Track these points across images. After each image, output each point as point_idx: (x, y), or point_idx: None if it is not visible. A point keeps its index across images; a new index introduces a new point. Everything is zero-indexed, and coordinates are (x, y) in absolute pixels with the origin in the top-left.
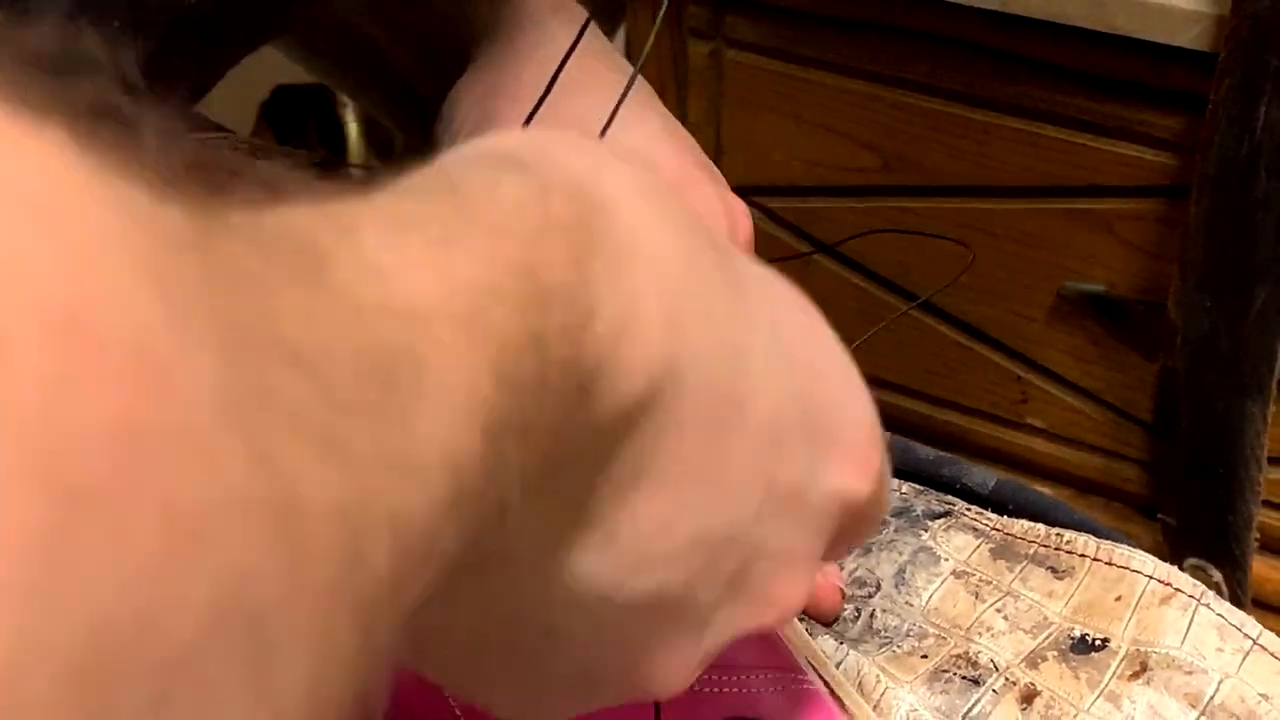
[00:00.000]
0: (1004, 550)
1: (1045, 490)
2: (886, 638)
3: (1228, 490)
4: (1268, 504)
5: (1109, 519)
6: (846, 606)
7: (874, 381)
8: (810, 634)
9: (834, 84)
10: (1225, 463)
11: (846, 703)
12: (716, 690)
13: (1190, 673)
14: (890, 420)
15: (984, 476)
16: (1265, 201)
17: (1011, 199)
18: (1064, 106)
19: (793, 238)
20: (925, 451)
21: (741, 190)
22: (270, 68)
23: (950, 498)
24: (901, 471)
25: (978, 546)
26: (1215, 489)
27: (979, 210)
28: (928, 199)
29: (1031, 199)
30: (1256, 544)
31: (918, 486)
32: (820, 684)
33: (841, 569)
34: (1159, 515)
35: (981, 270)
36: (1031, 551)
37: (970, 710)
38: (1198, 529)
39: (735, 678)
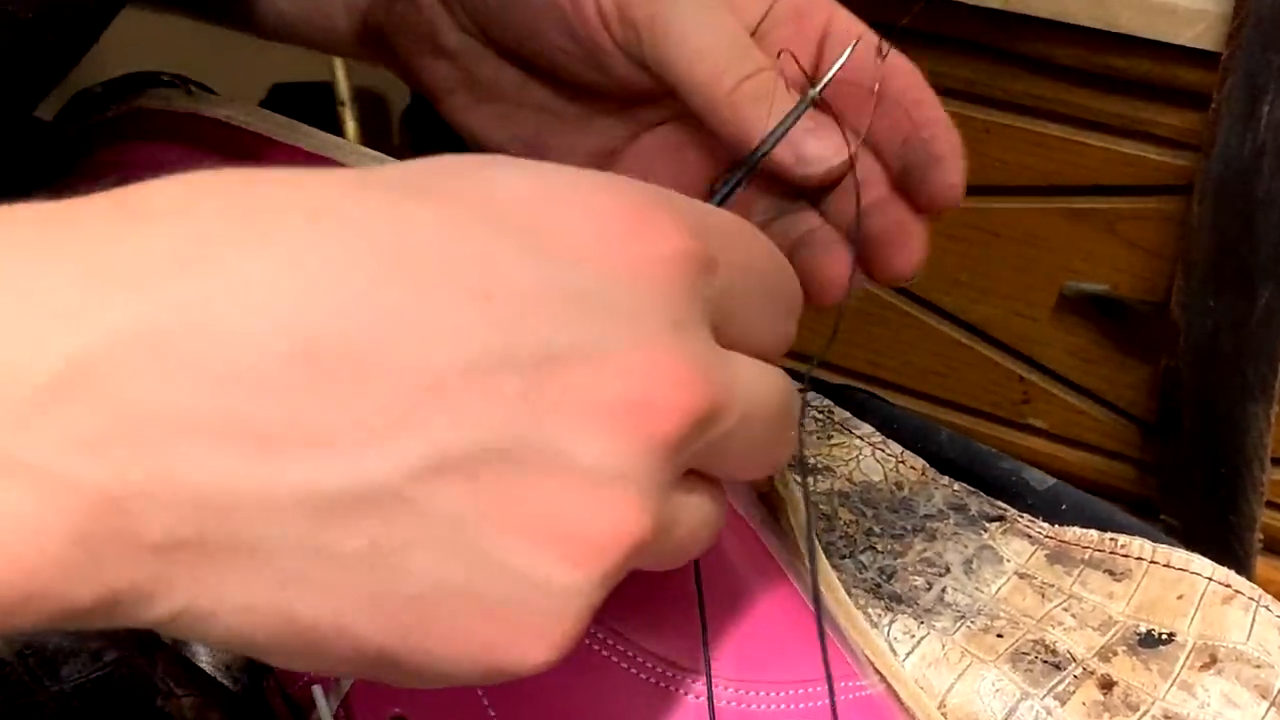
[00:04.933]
0: (1059, 556)
1: None
2: (959, 613)
3: (1231, 491)
4: (1271, 505)
5: None
6: (917, 579)
7: (876, 381)
8: (889, 609)
9: None
10: (1228, 464)
11: (904, 697)
12: (762, 707)
13: (1259, 666)
14: None
15: (1041, 475)
16: (1269, 200)
17: (1014, 198)
18: (1066, 105)
19: None
20: (983, 447)
21: None
22: (268, 66)
23: (1002, 503)
24: (957, 464)
25: (1034, 552)
26: (1218, 490)
27: (981, 209)
28: None
29: (1034, 198)
30: (1260, 545)
31: (969, 487)
32: (879, 684)
33: (907, 549)
34: (1161, 516)
35: (983, 270)
36: (1087, 556)
37: (1056, 687)
38: (1201, 530)
39: (781, 694)
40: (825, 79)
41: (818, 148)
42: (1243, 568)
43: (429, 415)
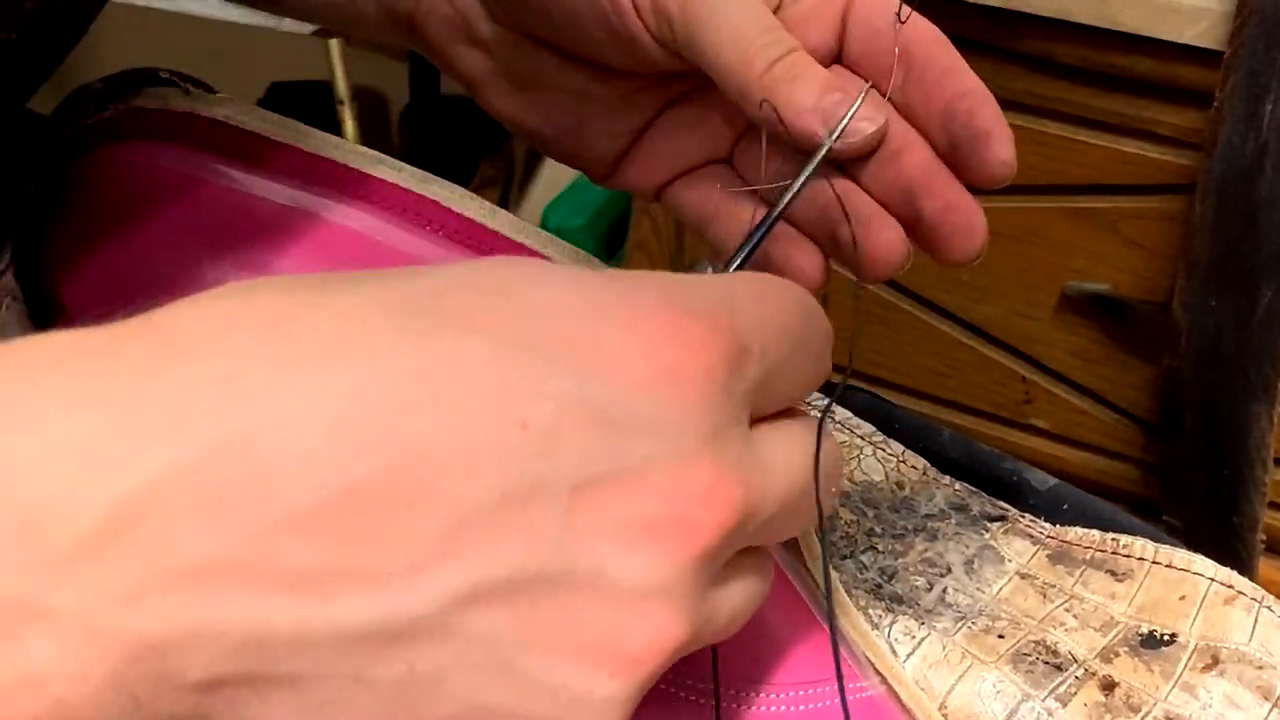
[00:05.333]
0: (1061, 556)
1: None
2: (960, 614)
3: (1233, 492)
4: (1273, 505)
5: None
6: (918, 579)
7: (877, 381)
8: (890, 610)
9: None
10: (1231, 464)
11: (904, 698)
12: (767, 710)
13: (1261, 667)
14: None
15: (1043, 475)
16: (1271, 199)
17: (1015, 197)
18: (1068, 104)
19: None
20: (984, 447)
21: None
22: (267, 65)
23: (1003, 504)
24: (958, 464)
25: (1035, 552)
26: (1220, 490)
27: (983, 208)
28: None
29: (1035, 197)
30: (1262, 546)
31: (970, 487)
32: (879, 685)
33: (908, 549)
34: (1163, 517)
35: (985, 269)
36: (1089, 556)
37: (1057, 689)
38: (1203, 531)
39: (783, 695)
40: (840, 126)
41: (852, 119)
42: (1245, 568)
43: (466, 547)
